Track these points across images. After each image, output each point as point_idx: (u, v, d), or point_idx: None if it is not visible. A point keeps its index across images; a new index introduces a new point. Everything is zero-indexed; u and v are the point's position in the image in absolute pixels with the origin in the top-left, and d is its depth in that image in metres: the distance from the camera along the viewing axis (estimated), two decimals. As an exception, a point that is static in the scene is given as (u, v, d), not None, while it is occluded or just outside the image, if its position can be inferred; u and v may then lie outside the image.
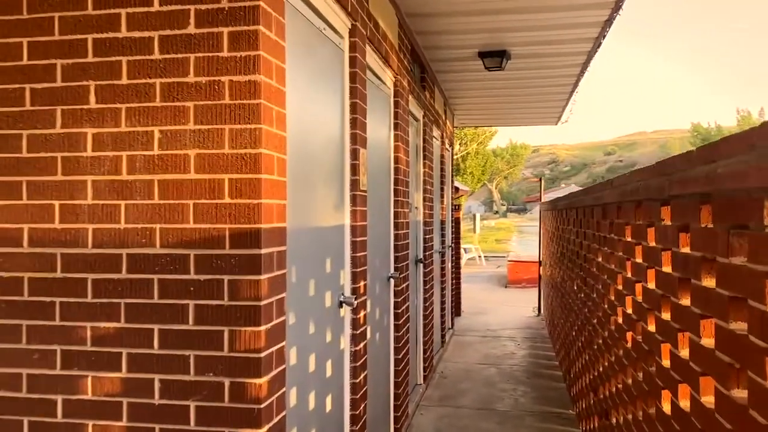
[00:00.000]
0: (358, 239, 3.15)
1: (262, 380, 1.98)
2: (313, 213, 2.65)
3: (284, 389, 2.16)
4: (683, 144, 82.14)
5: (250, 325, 1.99)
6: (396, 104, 4.35)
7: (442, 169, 7.58)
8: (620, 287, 2.94)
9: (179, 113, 2.04)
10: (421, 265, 5.76)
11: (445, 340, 7.64)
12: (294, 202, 2.36)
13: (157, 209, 2.05)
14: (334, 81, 2.96)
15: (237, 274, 1.99)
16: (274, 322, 2.07)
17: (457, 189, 12.48)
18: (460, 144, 31.98)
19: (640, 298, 2.52)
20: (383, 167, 4.11)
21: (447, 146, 8.17)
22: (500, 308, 10.86)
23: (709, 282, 1.66)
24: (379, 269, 3.94)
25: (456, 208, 9.96)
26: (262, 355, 1.99)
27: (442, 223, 7.62)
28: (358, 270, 3.17)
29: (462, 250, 17.66)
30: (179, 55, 2.03)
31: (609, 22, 4.62)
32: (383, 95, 4.11)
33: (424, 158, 5.84)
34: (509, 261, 14.65)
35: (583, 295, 4.44)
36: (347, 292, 3.10)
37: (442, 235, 7.64)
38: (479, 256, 19.85)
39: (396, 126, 4.34)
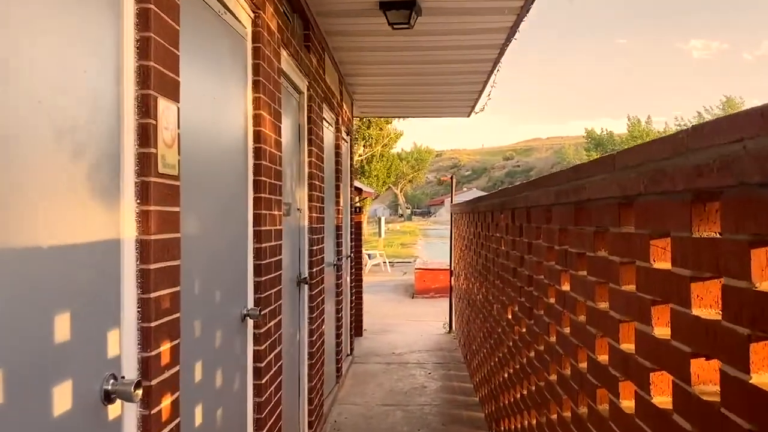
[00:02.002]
0: (153, 267, 1.68)
1: None
2: (20, 222, 1.15)
3: None
4: (578, 149, 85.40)
5: None
6: (257, 53, 2.89)
7: (337, 163, 6.17)
8: (628, 348, 1.65)
9: None
10: (306, 286, 4.33)
11: (341, 373, 6.22)
12: None
13: None
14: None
15: None
16: None
17: (360, 190, 11.12)
18: (365, 146, 30.88)
19: (699, 390, 1.24)
20: (232, 145, 2.65)
21: (344, 136, 6.77)
22: (407, 324, 9.60)
23: None
24: (221, 306, 2.47)
25: (357, 210, 8.56)
26: None
27: (338, 228, 6.21)
28: (156, 324, 1.70)
29: (366, 256, 16.35)
30: None
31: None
32: (230, 32, 2.64)
33: (310, 144, 4.41)
34: (417, 269, 13.46)
35: (525, 331, 3.18)
36: (129, 372, 1.61)
37: (338, 244, 6.22)
38: (384, 263, 18.64)
39: (257, 85, 2.89)
